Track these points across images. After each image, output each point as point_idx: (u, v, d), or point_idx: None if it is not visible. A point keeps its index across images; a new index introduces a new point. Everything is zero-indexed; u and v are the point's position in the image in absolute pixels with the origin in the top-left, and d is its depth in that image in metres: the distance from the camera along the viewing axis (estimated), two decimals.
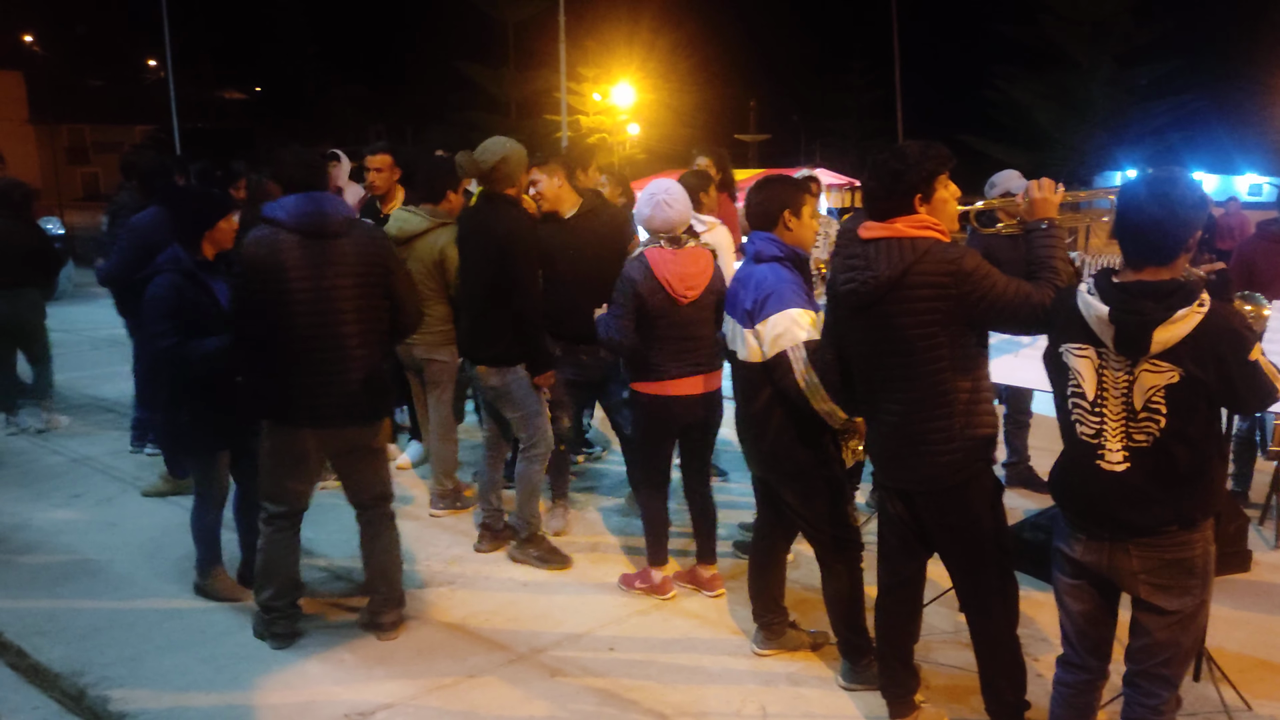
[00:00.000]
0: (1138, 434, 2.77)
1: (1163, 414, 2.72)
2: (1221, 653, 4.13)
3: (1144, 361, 2.72)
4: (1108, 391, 2.80)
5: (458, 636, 4.47)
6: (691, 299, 4.51)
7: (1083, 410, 2.86)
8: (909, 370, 3.28)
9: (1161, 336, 2.66)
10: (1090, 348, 2.83)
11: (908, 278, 3.22)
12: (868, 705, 3.86)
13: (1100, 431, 2.83)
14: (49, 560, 5.32)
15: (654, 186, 4.61)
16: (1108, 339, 2.76)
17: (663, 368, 4.55)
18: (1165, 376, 2.70)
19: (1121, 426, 2.79)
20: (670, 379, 4.56)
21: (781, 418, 3.89)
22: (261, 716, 3.84)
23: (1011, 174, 6.03)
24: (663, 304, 4.47)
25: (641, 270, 4.47)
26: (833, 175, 23.90)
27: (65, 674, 4.14)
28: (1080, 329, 2.84)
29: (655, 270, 4.45)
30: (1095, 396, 2.83)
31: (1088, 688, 3.12)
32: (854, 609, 4.00)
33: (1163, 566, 2.83)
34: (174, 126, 30.96)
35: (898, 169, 3.26)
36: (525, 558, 5.22)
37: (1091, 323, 2.79)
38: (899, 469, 3.44)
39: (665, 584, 4.83)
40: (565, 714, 3.86)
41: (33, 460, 7.07)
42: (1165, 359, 2.69)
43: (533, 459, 5.16)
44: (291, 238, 4.03)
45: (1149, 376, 2.72)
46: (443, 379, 5.78)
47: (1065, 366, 2.89)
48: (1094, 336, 2.80)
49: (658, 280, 4.45)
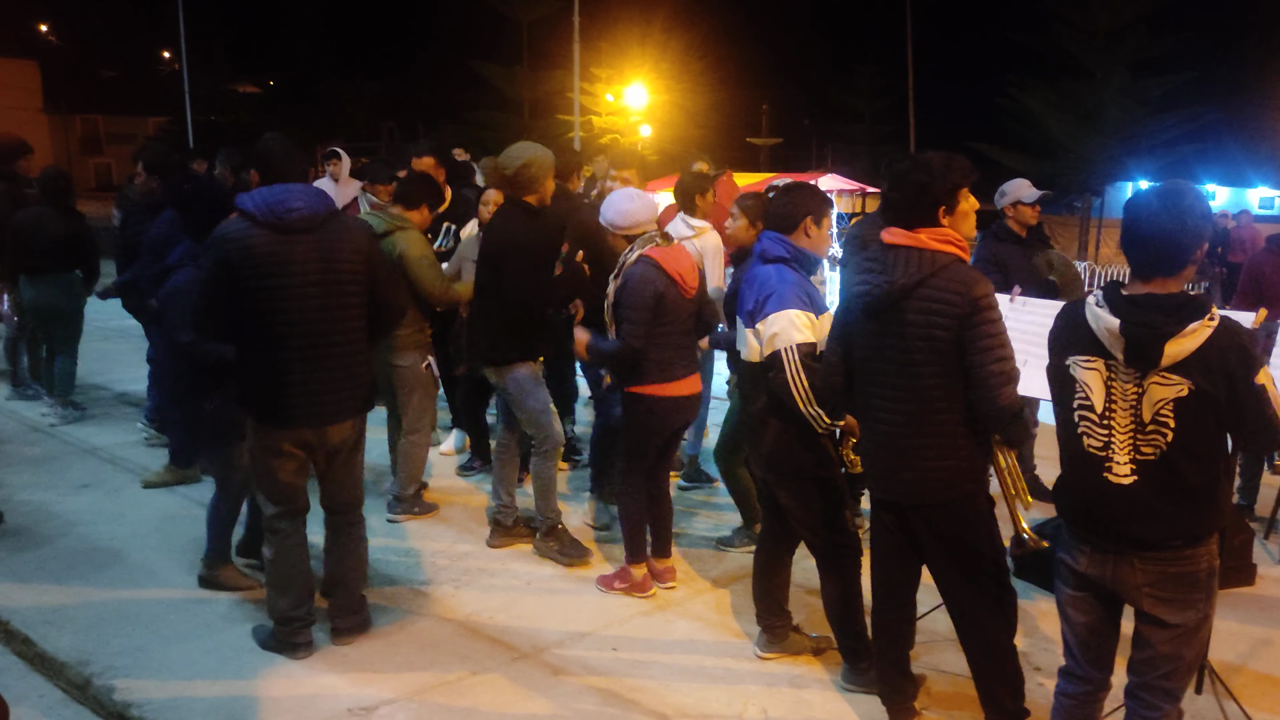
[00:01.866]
0: (1145, 447, 2.77)
1: (1170, 427, 2.72)
2: (1224, 666, 4.13)
3: (1153, 374, 2.72)
4: (1116, 404, 2.80)
5: (461, 633, 4.49)
6: (692, 295, 4.62)
7: (1090, 423, 2.86)
8: (906, 381, 3.30)
9: (1173, 349, 2.67)
10: (1099, 360, 2.83)
11: (921, 289, 3.23)
12: (868, 710, 3.86)
13: (1108, 444, 2.83)
14: (57, 550, 5.35)
15: (622, 191, 4.75)
16: (1118, 351, 2.76)
17: (672, 368, 4.59)
18: (1174, 390, 2.70)
19: (1129, 439, 2.79)
20: (679, 379, 4.62)
21: (780, 420, 3.90)
22: (265, 709, 3.86)
23: (1021, 183, 6.05)
24: (675, 300, 4.55)
25: (654, 270, 4.51)
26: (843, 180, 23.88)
27: (71, 663, 4.16)
28: (1089, 341, 2.84)
29: (667, 268, 4.51)
30: (1103, 409, 2.83)
31: (1089, 699, 3.12)
32: (851, 614, 4.01)
33: (1167, 580, 2.83)
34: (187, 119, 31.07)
35: (923, 181, 3.27)
36: (548, 551, 5.26)
37: (1101, 335, 2.79)
38: (888, 481, 3.45)
39: (646, 581, 4.86)
40: (567, 713, 3.88)
41: (42, 449, 7.11)
42: (1175, 372, 2.69)
43: (545, 455, 5.18)
44: (262, 232, 3.92)
45: (1158, 389, 2.72)
46: (409, 383, 5.61)
47: (1072, 379, 2.89)
48: (1103, 349, 2.80)
49: (671, 277, 4.52)
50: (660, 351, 4.56)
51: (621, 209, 4.64)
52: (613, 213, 4.67)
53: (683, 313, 4.61)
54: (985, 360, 3.18)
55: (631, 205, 4.63)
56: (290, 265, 3.94)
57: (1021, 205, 5.96)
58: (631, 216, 4.63)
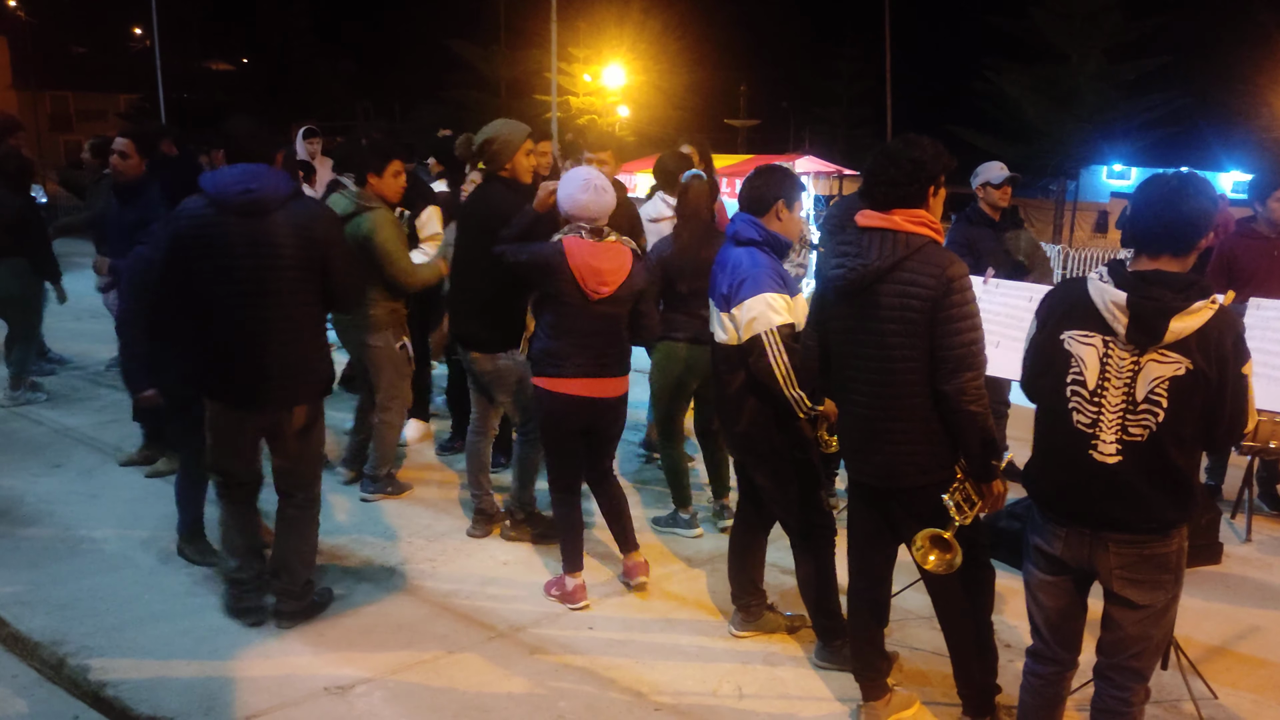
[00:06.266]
0: (1134, 427, 2.79)
1: (1163, 407, 2.75)
2: (1190, 642, 4.20)
3: (1152, 350, 2.75)
4: (1110, 380, 2.82)
5: (438, 613, 4.50)
6: (604, 295, 4.36)
7: (1081, 399, 2.87)
8: (881, 364, 3.32)
9: (1177, 325, 2.70)
10: (1097, 335, 2.84)
11: (896, 271, 3.25)
12: (841, 687, 3.91)
13: (1096, 421, 2.85)
14: (29, 531, 5.31)
15: (586, 172, 4.47)
16: (1120, 326, 2.77)
17: (562, 363, 4.39)
18: (1172, 368, 2.74)
19: (1119, 418, 2.81)
20: (569, 377, 4.40)
21: (756, 401, 3.92)
22: (241, 688, 3.86)
23: (992, 165, 6.08)
24: (573, 297, 4.34)
25: (557, 256, 4.32)
26: (820, 163, 23.92)
27: (45, 643, 4.15)
28: (1088, 316, 2.85)
29: (571, 260, 4.30)
30: (1096, 385, 2.84)
31: (1057, 678, 3.16)
32: (825, 592, 4.05)
33: (1139, 562, 2.87)
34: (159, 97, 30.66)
35: (920, 158, 3.30)
36: (522, 536, 5.25)
37: (1103, 309, 2.80)
38: (863, 462, 3.48)
39: (578, 591, 4.60)
40: (544, 691, 3.90)
41: (13, 430, 7.05)
42: (1175, 349, 2.73)
43: (531, 442, 5.15)
44: (214, 211, 3.91)
45: (1156, 366, 2.75)
46: (380, 362, 5.59)
47: (1066, 354, 2.89)
48: (1103, 324, 2.82)
49: (571, 271, 4.30)
50: (554, 344, 4.38)
51: (575, 198, 4.36)
52: (564, 197, 4.40)
53: (587, 310, 4.34)
54: (952, 342, 3.20)
55: (585, 196, 4.35)
56: (237, 247, 3.93)
57: (990, 187, 5.99)
58: (584, 209, 4.37)
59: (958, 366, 3.20)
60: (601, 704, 3.81)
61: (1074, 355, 2.88)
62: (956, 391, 3.20)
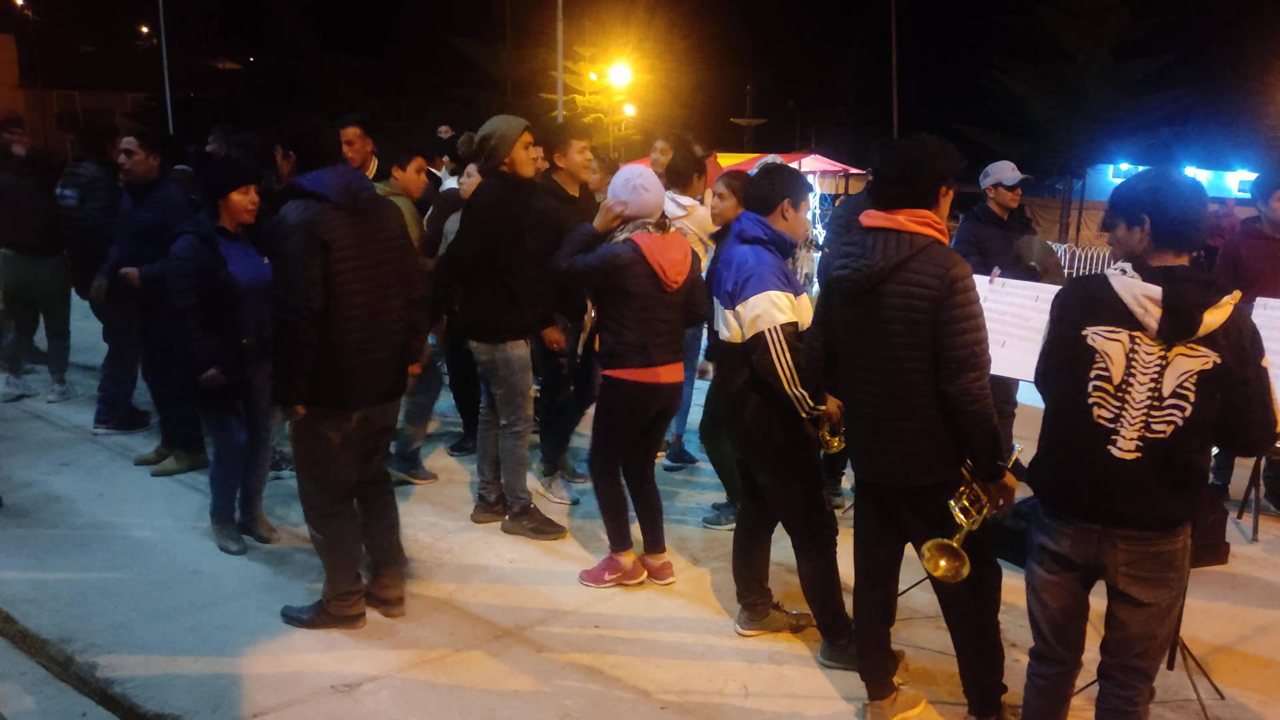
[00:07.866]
0: (1158, 423, 2.78)
1: (1191, 401, 2.75)
2: (1196, 642, 4.20)
3: (1180, 345, 2.75)
4: (1135, 376, 2.80)
5: (444, 611, 4.51)
6: (679, 285, 4.53)
7: (1104, 393, 2.84)
8: (886, 364, 3.32)
9: (1210, 318, 2.70)
10: (1123, 331, 2.82)
11: (900, 272, 3.25)
12: (847, 685, 3.91)
13: (1118, 417, 2.83)
14: (37, 528, 5.33)
15: (628, 172, 4.57)
16: (1152, 319, 2.75)
17: (651, 354, 4.51)
18: (1200, 361, 2.74)
19: (1142, 415, 2.80)
20: (657, 366, 4.54)
21: (759, 399, 3.93)
22: (248, 686, 3.87)
23: (1004, 165, 6.09)
24: (650, 289, 4.47)
25: (633, 255, 4.44)
26: (827, 161, 23.91)
27: (53, 640, 4.16)
28: (1113, 312, 2.83)
29: (650, 258, 4.44)
30: (1121, 381, 2.83)
31: (1062, 679, 3.16)
32: (828, 591, 4.05)
33: (1146, 559, 2.86)
34: (166, 95, 30.71)
35: (920, 157, 3.31)
36: (520, 530, 5.28)
37: (1133, 303, 2.78)
38: (869, 462, 3.48)
39: (636, 567, 4.77)
40: (549, 689, 3.91)
41: (22, 428, 7.08)
42: (1204, 344, 2.73)
43: (515, 435, 5.19)
44: (338, 214, 3.93)
45: (1185, 360, 2.75)
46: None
47: (1090, 349, 2.86)
48: (1130, 319, 2.80)
49: (651, 267, 4.44)
50: (640, 336, 4.49)
51: (643, 199, 4.50)
52: (631, 201, 4.51)
53: (663, 301, 4.52)
54: (955, 343, 3.19)
55: (649, 195, 4.50)
56: (367, 245, 4.02)
57: (1002, 188, 6.00)
58: (650, 207, 4.53)
59: (960, 367, 3.20)
60: (607, 702, 3.82)
61: (1099, 351, 2.85)
62: (959, 392, 3.21)
